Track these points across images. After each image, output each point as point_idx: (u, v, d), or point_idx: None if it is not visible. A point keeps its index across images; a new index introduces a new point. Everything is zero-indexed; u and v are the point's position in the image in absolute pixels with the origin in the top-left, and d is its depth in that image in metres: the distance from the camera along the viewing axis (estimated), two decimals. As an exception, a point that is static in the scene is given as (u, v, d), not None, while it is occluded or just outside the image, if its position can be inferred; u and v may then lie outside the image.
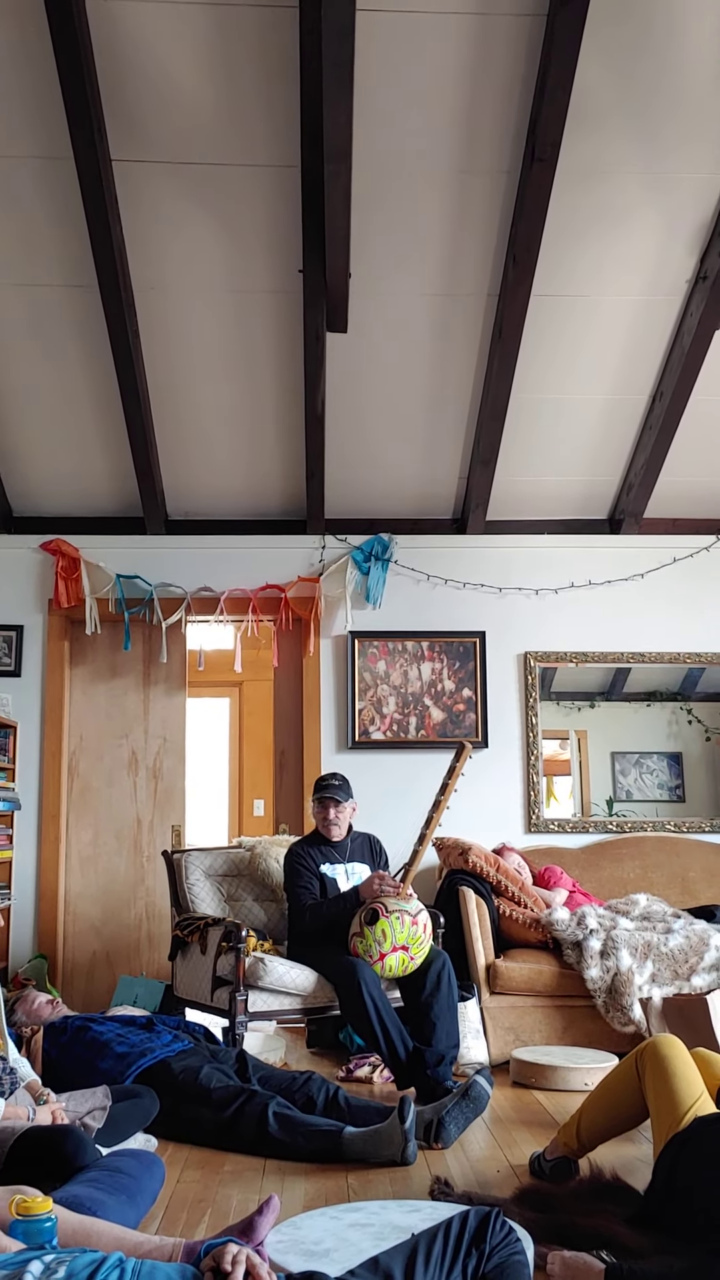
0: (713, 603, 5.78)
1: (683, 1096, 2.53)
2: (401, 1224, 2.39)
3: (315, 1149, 3.11)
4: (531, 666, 5.66)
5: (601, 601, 5.75)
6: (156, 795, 5.64)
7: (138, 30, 3.73)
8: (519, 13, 3.70)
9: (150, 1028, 3.73)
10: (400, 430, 5.31)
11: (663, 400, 5.07)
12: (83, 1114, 2.99)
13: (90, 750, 5.66)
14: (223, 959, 4.12)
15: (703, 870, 5.34)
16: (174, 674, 5.73)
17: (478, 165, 4.17)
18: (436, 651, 5.65)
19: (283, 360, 4.93)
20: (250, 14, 3.70)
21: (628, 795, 5.67)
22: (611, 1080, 2.81)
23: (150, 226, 4.36)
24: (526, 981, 4.48)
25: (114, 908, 5.53)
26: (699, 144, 4.13)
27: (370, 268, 4.52)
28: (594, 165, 4.18)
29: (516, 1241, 1.93)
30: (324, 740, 5.59)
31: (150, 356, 4.87)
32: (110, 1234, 2.12)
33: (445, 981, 3.96)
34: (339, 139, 3.68)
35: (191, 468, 5.49)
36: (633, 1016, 4.25)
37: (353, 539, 5.72)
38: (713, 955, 4.36)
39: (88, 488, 5.60)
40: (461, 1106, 3.35)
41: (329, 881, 4.32)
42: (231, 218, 4.35)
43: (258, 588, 5.65)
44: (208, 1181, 2.96)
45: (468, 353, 4.92)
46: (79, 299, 4.63)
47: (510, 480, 5.58)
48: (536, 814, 5.55)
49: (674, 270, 4.60)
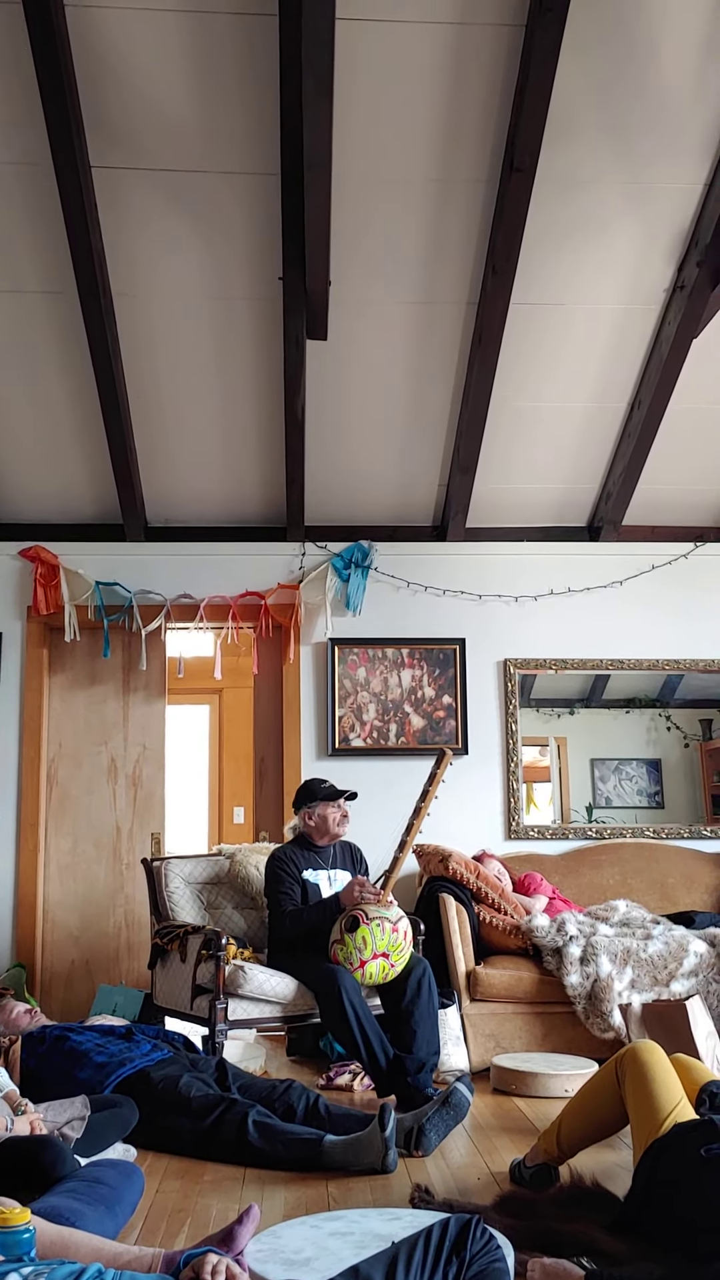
0: (691, 610, 5.81)
1: (662, 1102, 2.54)
2: (382, 1232, 2.39)
3: (295, 1157, 3.10)
4: (511, 673, 5.67)
5: (581, 608, 5.77)
6: (136, 803, 5.62)
7: (118, 37, 3.73)
8: (498, 23, 3.72)
9: (129, 1037, 3.71)
10: (380, 437, 5.32)
11: (641, 408, 5.10)
12: (61, 1124, 2.97)
13: (69, 758, 5.63)
14: (202, 967, 4.10)
15: (681, 876, 5.36)
16: (153, 681, 5.71)
17: (457, 174, 4.19)
18: (416, 658, 5.65)
19: (262, 367, 4.93)
20: (230, 22, 3.71)
21: (607, 802, 5.69)
22: (591, 1086, 2.82)
23: (130, 233, 4.35)
24: (507, 988, 4.49)
25: (93, 916, 5.51)
26: (677, 155, 4.16)
27: (350, 275, 4.53)
28: (573, 175, 4.21)
29: (497, 1249, 1.93)
30: (304, 747, 5.58)
31: (130, 363, 4.86)
32: (89, 1245, 2.11)
33: (425, 988, 3.96)
34: (319, 146, 3.68)
35: (171, 474, 5.48)
36: (612, 1022, 4.26)
37: (333, 546, 5.72)
38: (691, 961, 4.38)
39: (67, 494, 5.58)
40: (442, 1114, 3.35)
41: (311, 887, 4.30)
42: (211, 225, 4.35)
43: (237, 594, 5.64)
44: (187, 1191, 2.95)
45: (447, 360, 4.93)
46: (58, 305, 4.61)
47: (490, 488, 5.60)
48: (516, 821, 5.56)
49: (652, 279, 4.63)
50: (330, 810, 4.38)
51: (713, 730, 5.78)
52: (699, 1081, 2.71)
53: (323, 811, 4.39)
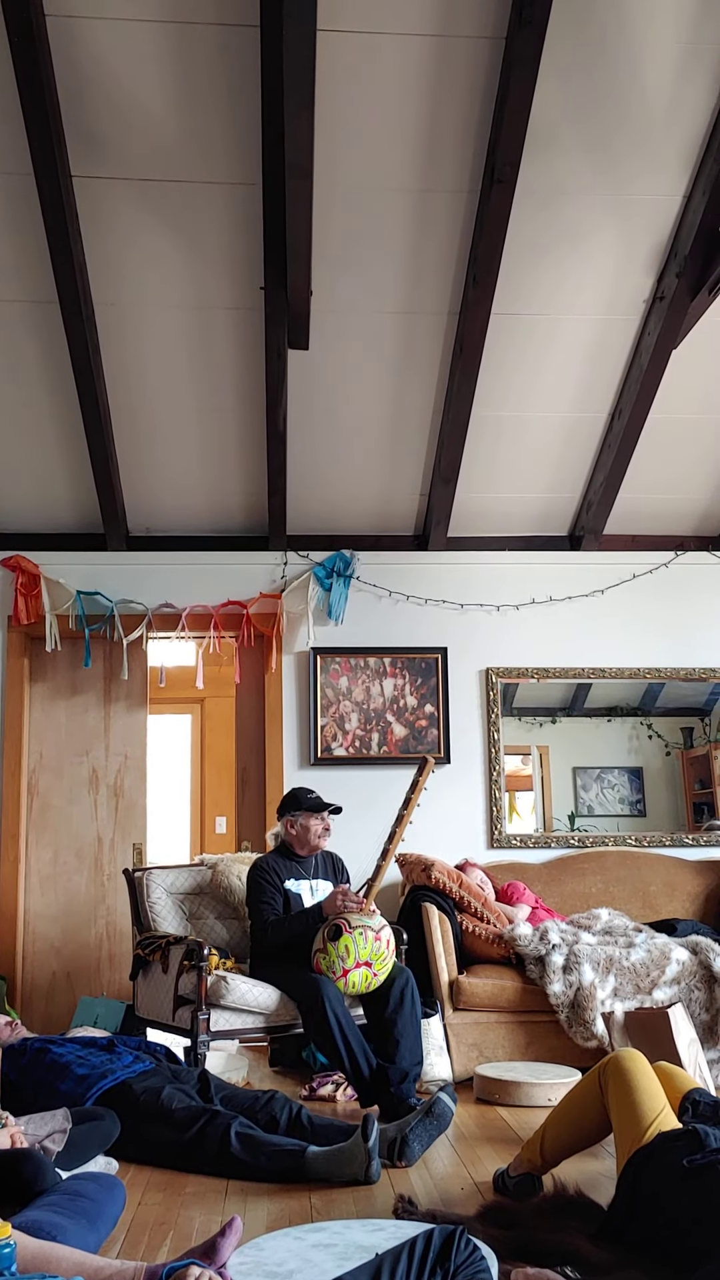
0: (672, 618, 5.84)
1: (645, 1111, 2.54)
2: (365, 1243, 2.38)
3: (278, 1169, 3.08)
4: (493, 682, 5.68)
5: (562, 617, 5.79)
6: (117, 813, 5.60)
7: (99, 46, 3.73)
8: (478, 35, 3.75)
9: (111, 1049, 3.69)
10: (362, 447, 5.33)
11: (621, 418, 5.13)
12: (42, 1137, 2.95)
13: (50, 768, 5.61)
14: (185, 978, 4.09)
15: (664, 884, 5.38)
16: (135, 691, 5.70)
17: (438, 185, 4.21)
18: (399, 667, 5.66)
19: (244, 377, 4.93)
20: (212, 33, 3.72)
21: (589, 810, 5.70)
22: (575, 1095, 2.82)
23: (111, 242, 4.35)
24: (490, 997, 4.49)
25: (74, 927, 5.48)
26: (656, 168, 4.19)
27: (332, 285, 4.54)
28: (554, 187, 4.23)
29: (481, 1259, 1.92)
30: (286, 757, 5.58)
31: (111, 372, 4.85)
32: (70, 1259, 2.09)
33: (408, 998, 3.95)
34: (300, 157, 3.70)
35: (153, 484, 5.47)
36: (595, 1031, 4.26)
37: (315, 555, 5.72)
38: (674, 969, 4.39)
39: (48, 503, 5.57)
40: (425, 1124, 3.34)
41: (293, 897, 4.29)
42: (193, 234, 4.35)
43: (219, 604, 5.63)
44: (169, 1203, 2.93)
45: (429, 370, 4.95)
46: (39, 314, 4.61)
47: (471, 497, 5.61)
48: (499, 829, 5.57)
49: (632, 290, 4.66)
50: (313, 822, 4.38)
51: (694, 738, 5.80)
52: (681, 1089, 2.72)
53: (305, 822, 4.38)
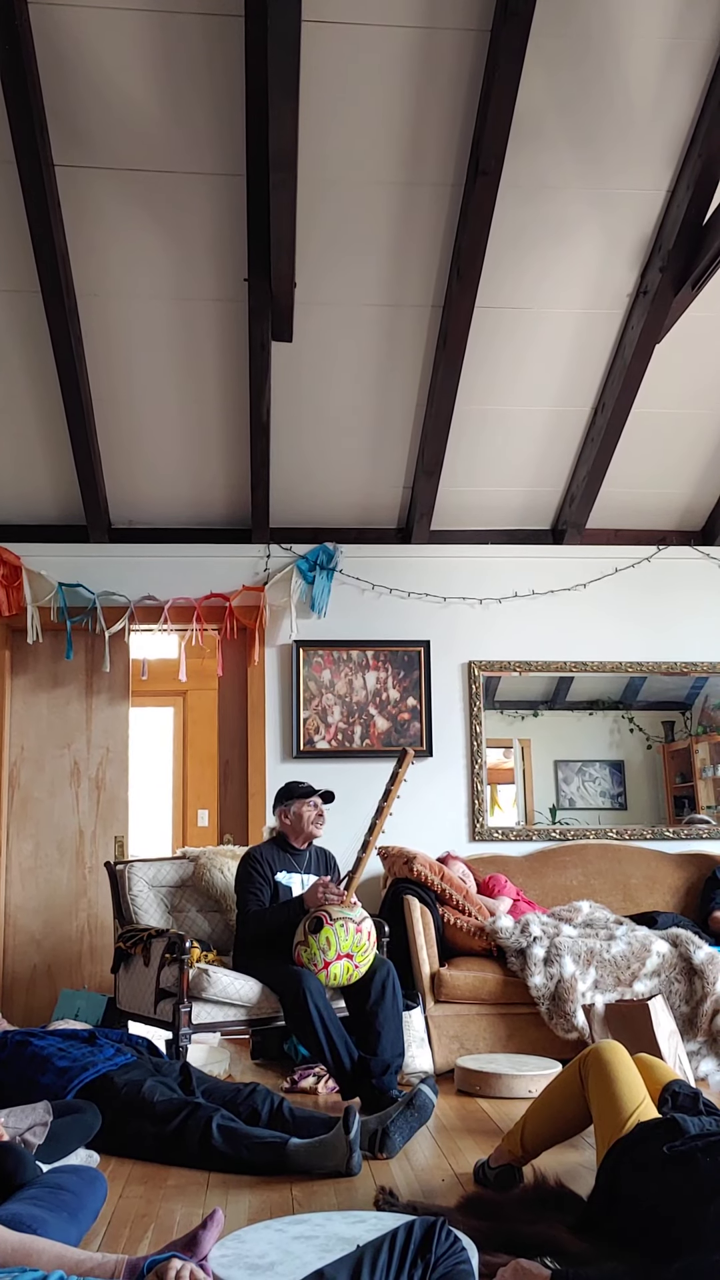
0: (654, 613, 5.86)
1: (625, 1102, 2.55)
2: (347, 1235, 2.38)
3: (260, 1161, 3.08)
4: (475, 676, 5.69)
5: (544, 611, 5.80)
6: (99, 806, 5.58)
7: (82, 36, 3.71)
8: (463, 27, 3.74)
9: (92, 1041, 3.68)
10: (345, 440, 5.32)
11: (604, 412, 5.13)
12: (23, 1130, 2.94)
13: (31, 761, 5.59)
14: (166, 971, 4.08)
15: (644, 877, 5.40)
16: (117, 683, 5.68)
17: (422, 177, 4.20)
18: (381, 661, 5.66)
19: (227, 369, 4.92)
20: (196, 23, 3.70)
21: (570, 803, 5.72)
22: (555, 1087, 2.83)
23: (94, 233, 4.33)
24: (471, 990, 4.50)
25: (55, 920, 5.46)
26: (640, 162, 4.19)
27: (315, 277, 4.53)
28: (538, 180, 4.23)
29: (462, 1250, 1.93)
30: (269, 750, 5.57)
31: (94, 363, 4.83)
32: (51, 1252, 2.09)
33: (390, 990, 3.96)
34: (284, 148, 3.68)
35: (135, 476, 5.45)
36: (576, 1023, 4.28)
37: (298, 548, 5.72)
38: (654, 961, 4.41)
39: (29, 495, 5.54)
40: (406, 1116, 3.35)
41: (283, 889, 4.28)
42: (176, 225, 4.33)
43: (202, 596, 5.62)
44: (151, 1196, 2.93)
45: (412, 363, 4.94)
46: (21, 304, 4.58)
47: (454, 490, 5.61)
48: (481, 822, 5.58)
49: (615, 284, 4.67)
50: (305, 808, 4.36)
51: (675, 732, 5.83)
52: (661, 1081, 2.73)
53: (298, 809, 4.37)
